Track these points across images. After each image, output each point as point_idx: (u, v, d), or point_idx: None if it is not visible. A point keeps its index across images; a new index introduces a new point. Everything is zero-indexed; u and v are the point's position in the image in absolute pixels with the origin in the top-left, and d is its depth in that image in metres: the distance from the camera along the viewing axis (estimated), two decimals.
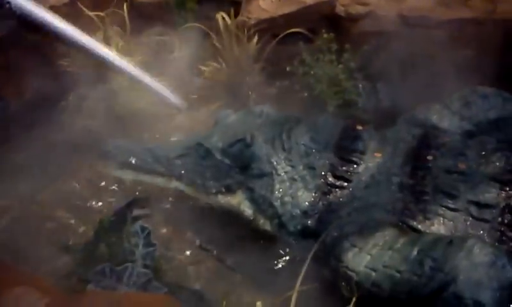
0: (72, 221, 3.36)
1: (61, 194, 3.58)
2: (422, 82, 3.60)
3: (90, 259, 2.84)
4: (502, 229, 2.46)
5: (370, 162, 2.92)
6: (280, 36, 4.27)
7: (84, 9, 4.42)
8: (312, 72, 4.01)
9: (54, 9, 4.42)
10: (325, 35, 4.03)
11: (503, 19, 3.81)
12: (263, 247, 3.00)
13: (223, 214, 3.13)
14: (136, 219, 3.02)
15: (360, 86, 3.95)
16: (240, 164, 3.07)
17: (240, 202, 3.05)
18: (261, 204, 2.98)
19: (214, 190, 3.10)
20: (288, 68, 4.13)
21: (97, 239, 2.89)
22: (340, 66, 3.96)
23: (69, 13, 4.50)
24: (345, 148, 2.99)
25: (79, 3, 4.45)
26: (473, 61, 3.58)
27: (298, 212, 2.88)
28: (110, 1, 4.56)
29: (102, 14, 4.44)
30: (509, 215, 2.48)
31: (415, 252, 2.32)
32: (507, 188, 2.55)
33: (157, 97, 3.98)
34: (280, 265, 2.92)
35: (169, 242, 3.15)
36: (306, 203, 2.89)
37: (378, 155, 2.95)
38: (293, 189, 2.94)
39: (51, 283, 2.21)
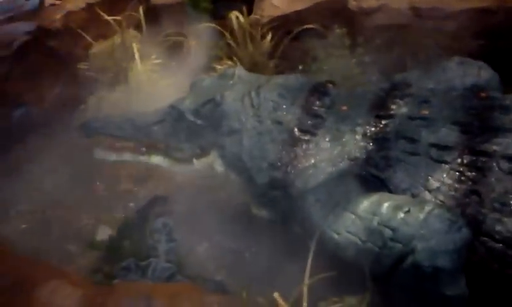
0: (96, 219, 3.46)
1: (85, 195, 3.67)
2: None
3: (115, 256, 2.93)
4: (461, 169, 2.50)
5: (336, 115, 2.96)
6: (293, 32, 4.33)
7: (102, 13, 4.50)
8: (325, 67, 4.05)
9: (71, 14, 4.57)
10: (338, 30, 4.08)
11: None
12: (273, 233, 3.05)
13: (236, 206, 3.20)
14: (158, 215, 3.09)
15: (374, 79, 3.98)
16: (212, 123, 3.11)
17: (213, 161, 3.10)
18: (231, 160, 3.02)
19: (189, 153, 3.16)
20: (301, 64, 4.18)
21: (121, 236, 2.98)
22: (353, 60, 4.00)
23: (86, 17, 4.62)
24: (313, 103, 3.03)
25: (96, 8, 4.54)
26: (486, 50, 3.61)
27: (265, 164, 2.92)
28: (126, 5, 4.66)
29: (118, 18, 4.52)
30: (468, 155, 2.51)
31: (375, 223, 2.36)
32: (467, 130, 2.59)
33: None
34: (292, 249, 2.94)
35: (191, 237, 3.22)
36: (273, 156, 2.92)
37: (345, 108, 2.98)
38: (261, 143, 2.97)
39: (81, 278, 2.28)
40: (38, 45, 4.36)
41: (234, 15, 4.45)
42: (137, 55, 4.34)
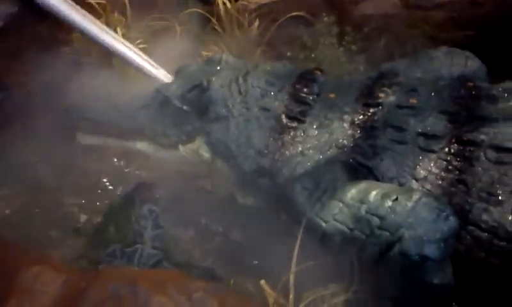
0: (80, 205, 3.41)
1: (68, 180, 3.62)
2: None
3: (100, 242, 2.90)
4: (449, 158, 2.52)
5: (324, 103, 2.95)
6: (281, 20, 4.30)
7: None
8: (313, 56, 4.05)
9: None
10: (326, 18, 4.08)
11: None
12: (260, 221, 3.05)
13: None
14: (143, 201, 3.06)
15: (361, 68, 3.98)
16: (198, 109, 3.10)
17: (199, 147, 3.09)
18: (218, 147, 3.02)
19: (174, 139, 3.14)
20: (289, 52, 4.16)
21: (107, 222, 2.94)
22: (341, 49, 4.00)
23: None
24: (300, 90, 3.02)
25: None
26: (473, 40, 3.63)
27: (252, 151, 2.92)
28: None
29: (103, 1, 4.44)
30: (455, 145, 2.54)
31: (363, 211, 2.38)
32: (454, 120, 2.61)
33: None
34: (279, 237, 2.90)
35: (177, 223, 3.19)
36: (260, 143, 2.92)
37: (333, 95, 2.98)
38: (248, 130, 2.96)
39: (65, 264, 2.24)
40: (19, 28, 4.26)
41: (221, 1, 4.40)
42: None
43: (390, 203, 2.34)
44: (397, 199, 2.35)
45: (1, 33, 4.12)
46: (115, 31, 4.31)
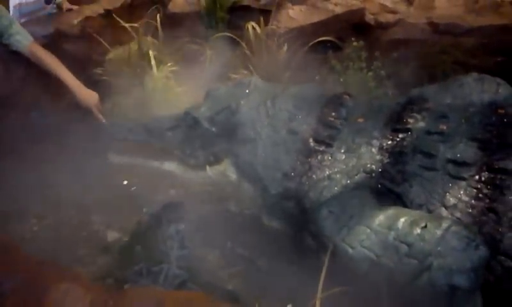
0: (108, 224, 3.46)
1: (96, 199, 3.66)
2: None
3: (127, 261, 2.93)
4: (479, 186, 2.47)
5: (352, 127, 2.93)
6: (309, 44, 4.34)
7: (119, 20, 4.55)
8: (342, 80, 4.06)
9: (89, 20, 4.61)
10: (354, 43, 4.09)
11: None
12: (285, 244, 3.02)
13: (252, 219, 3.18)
14: (171, 221, 3.09)
15: (390, 93, 3.97)
16: (227, 131, 3.13)
17: (226, 169, 3.11)
18: (245, 168, 3.03)
19: (202, 160, 3.18)
20: (317, 76, 4.18)
21: (134, 241, 2.97)
22: (370, 73, 4.00)
23: (104, 24, 4.67)
24: (328, 114, 3.02)
25: (114, 15, 4.59)
26: (504, 67, 3.59)
27: (279, 174, 2.91)
28: (144, 12, 4.71)
29: (136, 25, 4.56)
30: (486, 172, 2.49)
31: (391, 238, 2.32)
32: (485, 147, 2.56)
33: None
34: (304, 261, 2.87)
35: (202, 244, 3.20)
36: (287, 166, 2.91)
37: (361, 120, 2.96)
38: (275, 153, 2.97)
39: (92, 281, 2.27)
40: (55, 49, 4.39)
41: (250, 25, 4.48)
42: (153, 62, 4.37)
43: (418, 231, 2.29)
44: (426, 226, 2.30)
45: None
46: (147, 53, 4.43)
